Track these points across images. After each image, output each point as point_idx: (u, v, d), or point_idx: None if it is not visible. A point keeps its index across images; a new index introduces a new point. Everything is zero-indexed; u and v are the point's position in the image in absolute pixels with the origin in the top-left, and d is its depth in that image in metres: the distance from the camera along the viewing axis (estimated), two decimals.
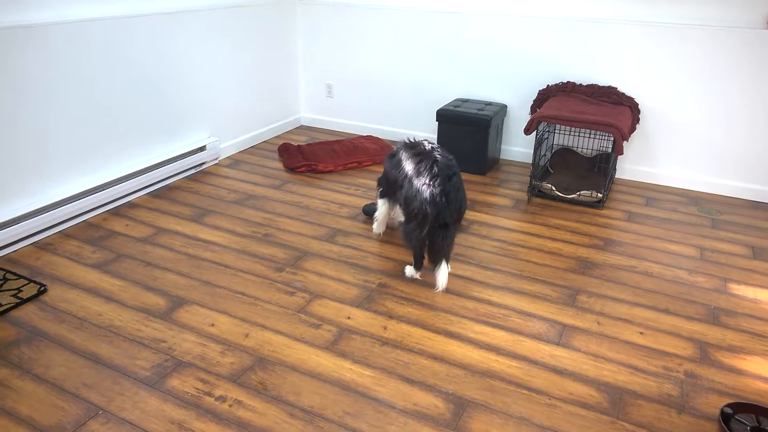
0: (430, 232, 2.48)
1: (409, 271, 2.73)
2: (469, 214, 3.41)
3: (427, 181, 2.44)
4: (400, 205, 2.62)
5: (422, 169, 2.49)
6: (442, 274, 2.56)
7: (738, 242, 3.15)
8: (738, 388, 2.08)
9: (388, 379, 2.07)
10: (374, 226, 3.07)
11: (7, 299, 2.46)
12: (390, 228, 3.13)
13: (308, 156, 4.18)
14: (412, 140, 2.71)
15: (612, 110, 3.53)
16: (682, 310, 2.53)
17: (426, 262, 2.66)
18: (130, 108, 3.41)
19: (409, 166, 2.56)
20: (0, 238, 2.75)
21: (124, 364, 2.12)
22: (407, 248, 2.71)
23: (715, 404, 2.00)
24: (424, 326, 2.37)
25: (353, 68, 4.70)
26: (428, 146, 2.61)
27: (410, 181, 2.51)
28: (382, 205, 2.96)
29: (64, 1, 2.96)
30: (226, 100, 4.19)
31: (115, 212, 3.30)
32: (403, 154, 2.64)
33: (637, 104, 3.78)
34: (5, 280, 2.60)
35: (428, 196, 2.42)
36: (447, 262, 2.57)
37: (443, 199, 2.42)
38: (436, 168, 2.47)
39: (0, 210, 2.80)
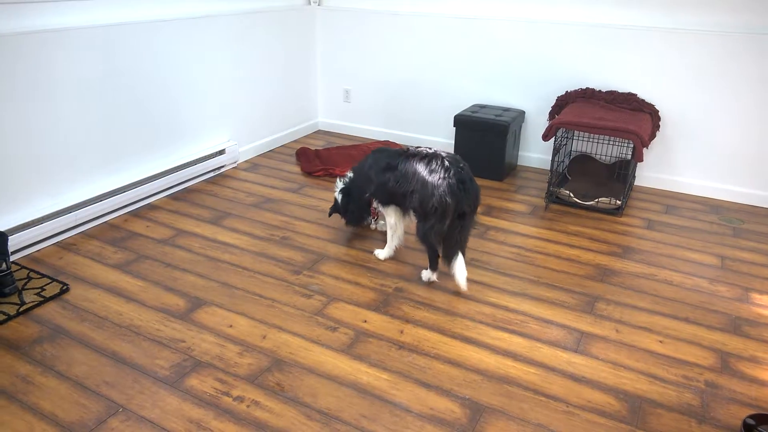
0: (450, 224, 2.53)
1: (426, 274, 2.74)
2: (487, 220, 3.40)
3: (442, 175, 2.52)
4: (414, 209, 2.62)
5: (434, 167, 2.56)
6: (460, 267, 2.56)
7: (761, 252, 3.10)
8: (761, 399, 2.04)
9: (404, 383, 2.08)
10: (395, 241, 2.91)
11: (31, 297, 2.51)
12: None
13: (326, 160, 4.21)
14: (407, 149, 2.73)
15: (632, 117, 3.51)
16: (703, 319, 2.50)
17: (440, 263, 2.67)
18: (151, 111, 3.46)
19: (420, 170, 2.58)
20: (24, 237, 2.81)
21: (144, 363, 2.15)
22: (424, 247, 2.71)
23: (737, 415, 1.97)
24: (441, 331, 2.37)
25: (371, 74, 4.73)
26: (431, 150, 2.67)
27: (424, 182, 2.55)
28: (394, 213, 2.85)
29: (92, 6, 3.02)
30: (245, 104, 4.23)
31: (136, 214, 3.35)
32: (407, 164, 2.64)
33: (657, 111, 3.75)
34: (29, 278, 2.65)
35: (446, 188, 2.50)
36: (463, 254, 2.58)
37: (461, 187, 2.51)
38: (446, 162, 2.56)
39: (24, 210, 2.86)
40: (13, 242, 2.73)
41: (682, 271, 2.89)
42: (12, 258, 2.76)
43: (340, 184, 3.08)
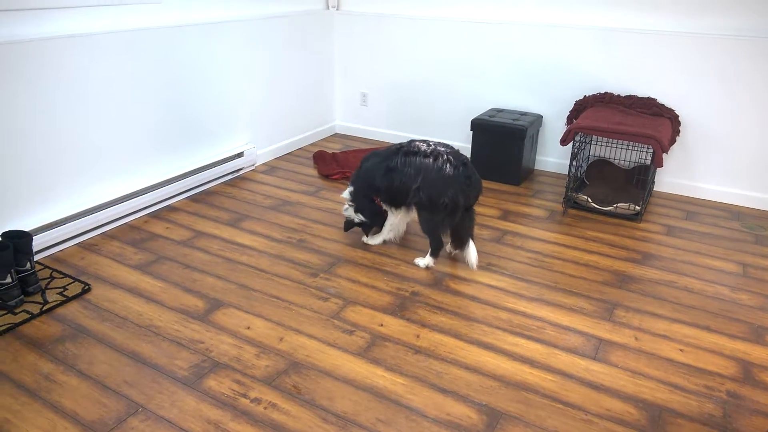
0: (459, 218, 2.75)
1: (425, 261, 2.88)
2: (504, 225, 3.39)
3: (451, 173, 2.67)
4: (420, 204, 2.74)
5: (440, 164, 2.69)
6: (473, 252, 2.81)
7: None
8: None
9: (420, 388, 2.07)
10: (390, 235, 3.07)
11: (54, 297, 2.55)
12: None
13: (342, 163, 4.22)
14: (400, 146, 2.83)
15: (651, 122, 3.47)
16: (725, 327, 2.46)
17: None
18: (170, 114, 3.50)
19: (426, 167, 2.71)
20: (47, 238, 2.85)
21: (164, 363, 2.17)
22: (429, 239, 2.86)
23: (760, 426, 1.93)
24: (457, 336, 2.37)
25: (388, 77, 4.74)
26: (430, 145, 2.77)
27: (432, 180, 2.69)
28: (400, 214, 2.97)
29: (115, 11, 3.07)
30: (264, 107, 4.26)
31: (156, 215, 3.39)
32: (408, 160, 2.75)
33: (678, 116, 3.71)
34: (52, 278, 2.69)
35: (458, 186, 2.67)
36: (472, 239, 2.83)
37: (468, 182, 2.70)
38: (452, 159, 2.71)
39: (47, 211, 2.91)
40: (37, 242, 2.78)
41: (702, 278, 2.85)
42: (35, 258, 2.81)
43: (349, 207, 3.07)
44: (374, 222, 3.07)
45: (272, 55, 4.21)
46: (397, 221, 3.02)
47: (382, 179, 2.85)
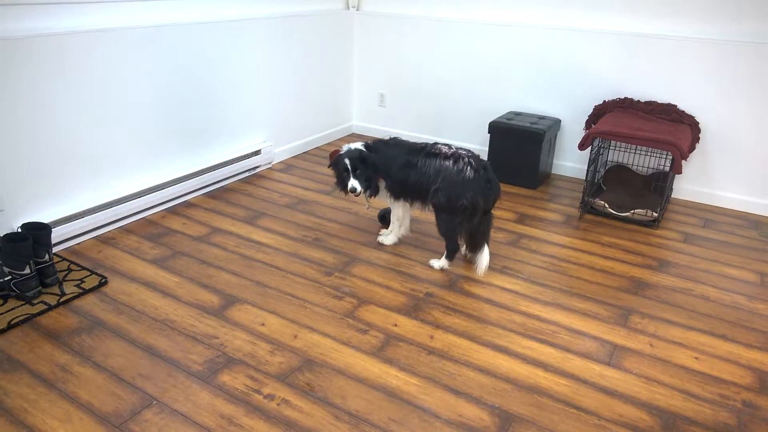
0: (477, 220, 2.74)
1: (440, 263, 2.88)
2: (519, 228, 3.38)
3: (471, 176, 2.66)
4: (438, 205, 2.74)
5: (461, 166, 2.68)
6: (485, 257, 2.79)
7: None
8: None
9: (433, 389, 2.07)
10: (401, 230, 3.10)
11: (71, 289, 2.59)
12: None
13: None
14: (424, 146, 2.82)
15: (671, 128, 3.44)
16: (741, 336, 2.43)
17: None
18: (190, 111, 3.54)
19: (446, 168, 2.70)
20: (66, 230, 2.89)
21: (178, 357, 2.19)
22: (445, 241, 2.85)
23: None
24: (471, 338, 2.36)
25: (407, 78, 4.74)
26: (451, 148, 2.78)
27: (452, 181, 2.67)
28: (401, 206, 3.01)
29: (135, 7, 3.11)
30: (282, 106, 4.29)
31: (173, 211, 3.42)
32: (429, 161, 2.74)
33: (698, 123, 3.67)
34: (69, 270, 2.73)
35: (478, 188, 2.67)
36: (488, 245, 2.82)
37: (488, 186, 2.71)
38: (473, 162, 2.71)
39: (66, 204, 2.95)
40: (56, 234, 2.82)
41: (719, 286, 2.82)
42: (54, 250, 2.85)
43: (359, 146, 2.89)
44: (365, 176, 2.85)
45: (291, 54, 4.23)
46: (401, 213, 3.04)
47: (397, 171, 2.83)
